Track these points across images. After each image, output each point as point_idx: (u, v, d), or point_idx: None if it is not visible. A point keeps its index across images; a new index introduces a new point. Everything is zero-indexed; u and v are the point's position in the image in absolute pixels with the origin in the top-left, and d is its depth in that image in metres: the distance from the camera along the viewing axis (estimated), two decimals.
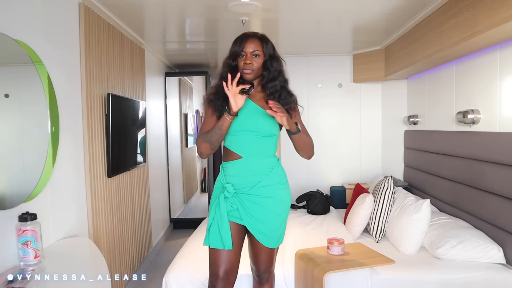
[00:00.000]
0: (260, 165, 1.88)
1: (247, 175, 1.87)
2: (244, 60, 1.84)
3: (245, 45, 1.84)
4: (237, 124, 1.85)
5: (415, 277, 2.36)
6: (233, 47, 1.88)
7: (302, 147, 1.91)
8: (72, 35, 2.38)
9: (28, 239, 1.68)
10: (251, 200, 1.87)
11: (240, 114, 1.83)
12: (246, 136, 1.86)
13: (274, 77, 1.89)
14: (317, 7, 2.87)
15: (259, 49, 1.85)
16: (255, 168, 1.87)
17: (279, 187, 1.91)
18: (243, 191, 1.88)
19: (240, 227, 1.91)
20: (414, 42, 3.24)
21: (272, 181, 1.88)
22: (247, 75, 1.84)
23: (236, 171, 1.88)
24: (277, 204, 1.89)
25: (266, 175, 1.87)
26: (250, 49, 1.83)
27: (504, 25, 2.04)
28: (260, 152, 1.89)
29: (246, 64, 1.83)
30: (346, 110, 4.65)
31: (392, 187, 3.08)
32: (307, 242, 2.83)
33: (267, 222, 1.88)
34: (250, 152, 1.87)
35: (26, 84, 1.78)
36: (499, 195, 2.44)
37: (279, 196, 1.90)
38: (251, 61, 1.83)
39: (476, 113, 2.70)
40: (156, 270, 3.59)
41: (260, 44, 1.86)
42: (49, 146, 1.87)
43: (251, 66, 1.83)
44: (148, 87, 4.01)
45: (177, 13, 2.98)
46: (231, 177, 1.90)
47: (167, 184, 4.89)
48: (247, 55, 1.84)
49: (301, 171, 4.69)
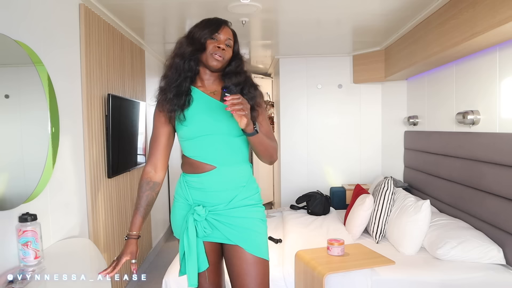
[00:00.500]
0: (237, 175, 1.60)
1: (222, 189, 1.58)
2: (216, 43, 1.55)
3: (220, 31, 1.57)
4: (199, 124, 1.56)
5: (415, 278, 2.36)
6: (205, 27, 1.57)
7: (261, 151, 1.57)
8: (72, 36, 2.39)
9: (28, 240, 1.68)
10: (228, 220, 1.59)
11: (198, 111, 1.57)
12: (215, 139, 1.56)
13: (239, 71, 1.62)
14: (317, 8, 2.87)
15: (232, 40, 1.61)
16: (232, 179, 1.59)
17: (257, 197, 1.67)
18: (217, 210, 1.58)
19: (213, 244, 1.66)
20: (414, 43, 3.24)
21: (250, 192, 1.63)
22: (216, 62, 1.55)
23: (208, 185, 1.58)
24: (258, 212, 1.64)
25: (243, 187, 1.60)
26: (225, 36, 1.58)
27: (504, 26, 2.04)
28: (236, 157, 1.60)
29: (219, 48, 1.54)
30: (346, 111, 4.65)
31: (392, 187, 3.08)
32: (307, 243, 2.83)
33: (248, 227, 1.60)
34: (225, 160, 1.58)
35: (26, 85, 1.78)
36: (499, 195, 2.44)
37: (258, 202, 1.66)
38: (225, 48, 1.56)
39: (476, 114, 2.70)
40: (156, 271, 3.59)
41: (233, 36, 1.63)
42: (49, 146, 1.87)
43: (224, 53, 1.56)
44: (148, 88, 4.01)
45: (177, 14, 2.98)
46: (200, 193, 1.59)
47: (167, 185, 4.89)
48: (221, 40, 1.56)
49: (301, 172, 4.69)
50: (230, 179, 1.58)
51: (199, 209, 1.57)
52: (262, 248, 1.62)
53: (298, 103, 4.68)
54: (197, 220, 1.58)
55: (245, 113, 1.39)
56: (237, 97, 1.38)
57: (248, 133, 1.48)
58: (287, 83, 4.66)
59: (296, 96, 4.65)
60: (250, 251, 1.58)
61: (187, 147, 1.62)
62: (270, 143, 1.59)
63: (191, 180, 1.61)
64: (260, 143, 1.54)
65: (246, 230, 1.59)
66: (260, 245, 1.61)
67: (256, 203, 1.65)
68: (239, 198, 1.59)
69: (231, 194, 1.58)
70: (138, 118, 3.45)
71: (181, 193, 1.66)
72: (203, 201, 1.60)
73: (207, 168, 1.57)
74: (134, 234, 1.63)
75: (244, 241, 1.59)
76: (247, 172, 1.64)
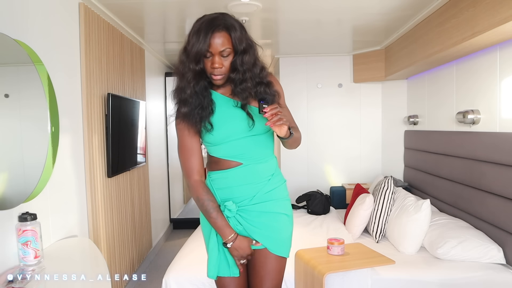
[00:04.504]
0: (263, 170, 1.59)
1: (246, 183, 1.57)
2: (211, 63, 1.45)
3: (211, 42, 1.42)
4: (225, 131, 1.54)
5: (415, 277, 2.36)
6: (195, 42, 1.43)
7: (292, 145, 1.61)
8: (72, 35, 2.38)
9: (28, 239, 1.68)
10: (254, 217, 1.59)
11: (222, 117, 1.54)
12: (242, 141, 1.55)
13: (245, 78, 1.50)
14: (317, 7, 2.86)
15: (229, 46, 1.44)
16: (257, 174, 1.58)
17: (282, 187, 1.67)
18: (243, 205, 1.59)
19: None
20: (414, 42, 3.24)
21: (273, 185, 1.62)
22: (218, 80, 1.49)
23: (232, 180, 1.57)
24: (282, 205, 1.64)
25: (268, 180, 1.60)
26: (218, 47, 1.42)
27: (504, 25, 2.04)
28: (261, 154, 1.59)
29: (215, 68, 1.45)
30: (346, 110, 4.65)
31: (392, 187, 3.08)
32: (307, 242, 2.83)
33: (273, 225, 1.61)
34: (251, 157, 1.57)
35: (26, 84, 1.78)
36: (499, 195, 2.44)
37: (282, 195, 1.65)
38: (221, 63, 1.45)
39: (476, 113, 2.70)
40: (156, 270, 3.59)
41: (229, 38, 1.45)
42: (49, 146, 1.86)
43: (221, 71, 1.46)
44: (148, 87, 4.01)
45: (176, 13, 2.98)
46: (225, 191, 1.59)
47: (167, 184, 4.89)
48: (214, 56, 1.44)
49: (301, 171, 4.69)
50: (256, 174, 1.58)
51: (229, 204, 1.56)
52: (285, 247, 1.65)
53: (298, 103, 4.67)
54: (228, 217, 1.57)
55: (284, 120, 1.40)
56: (275, 107, 1.39)
57: (284, 138, 1.50)
58: (287, 83, 4.65)
59: (296, 96, 4.65)
60: (274, 251, 1.61)
61: (213, 150, 1.60)
62: (299, 136, 1.61)
63: (216, 177, 1.60)
64: (293, 141, 1.57)
65: (271, 229, 1.61)
66: (284, 244, 1.65)
67: (281, 197, 1.64)
68: (263, 191, 1.59)
69: (255, 188, 1.58)
70: (138, 118, 3.45)
71: None
72: (229, 198, 1.59)
73: (233, 164, 1.57)
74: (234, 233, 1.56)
75: (269, 241, 1.61)
76: (273, 166, 1.64)
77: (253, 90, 1.54)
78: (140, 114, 3.50)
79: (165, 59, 4.74)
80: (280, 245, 1.63)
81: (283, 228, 1.65)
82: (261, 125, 1.55)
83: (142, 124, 3.56)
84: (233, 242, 1.54)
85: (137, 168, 3.49)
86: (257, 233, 1.60)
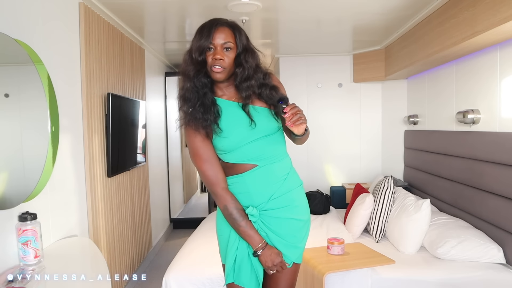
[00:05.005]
0: (279, 170, 1.57)
1: (263, 185, 1.54)
2: (213, 54, 1.46)
3: (214, 36, 1.45)
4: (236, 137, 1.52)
5: (415, 277, 2.36)
6: (198, 38, 1.47)
7: (302, 140, 1.60)
8: (72, 34, 2.38)
9: (28, 239, 1.68)
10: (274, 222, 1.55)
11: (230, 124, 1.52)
12: (254, 145, 1.53)
13: (249, 76, 1.51)
14: (317, 7, 2.86)
15: (231, 40, 1.47)
16: (273, 174, 1.55)
17: (299, 190, 1.63)
18: (261, 208, 1.55)
19: None
20: (414, 42, 3.24)
21: (289, 187, 1.58)
22: (217, 74, 1.47)
23: (248, 184, 1.54)
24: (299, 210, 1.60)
25: (284, 179, 1.57)
26: (221, 40, 1.46)
27: (504, 25, 2.04)
28: (275, 154, 1.57)
29: (216, 60, 1.45)
30: (346, 110, 4.65)
31: (392, 187, 3.08)
32: (307, 242, 2.82)
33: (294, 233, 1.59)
34: (265, 158, 1.55)
35: (26, 84, 1.78)
36: (499, 195, 2.44)
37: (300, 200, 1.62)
38: (222, 55, 1.46)
39: (476, 113, 2.70)
40: (156, 270, 3.59)
41: (232, 34, 1.48)
42: (49, 145, 1.86)
43: (222, 63, 1.46)
44: (148, 87, 4.01)
45: (177, 12, 2.98)
46: (241, 194, 1.55)
47: (167, 184, 4.89)
48: (216, 48, 1.46)
49: (301, 171, 4.66)
50: (271, 174, 1.55)
51: (250, 209, 1.52)
52: (301, 255, 1.65)
53: (298, 102, 4.55)
54: (254, 222, 1.53)
55: (303, 119, 1.40)
56: (294, 106, 1.40)
57: (299, 136, 1.48)
58: (287, 82, 4.59)
59: (296, 95, 4.64)
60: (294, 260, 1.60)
61: (227, 157, 1.56)
62: (308, 132, 1.58)
63: (232, 182, 1.55)
64: (306, 137, 1.56)
65: (294, 238, 1.58)
66: (300, 253, 1.64)
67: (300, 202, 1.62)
68: (280, 192, 1.55)
69: (272, 189, 1.55)
70: (138, 117, 3.45)
71: None
72: (247, 202, 1.55)
73: (248, 167, 1.54)
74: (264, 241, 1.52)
75: (294, 253, 1.59)
76: (287, 165, 1.62)
77: (258, 91, 1.54)
78: (140, 114, 3.50)
79: (165, 58, 4.74)
80: (300, 253, 1.63)
81: (304, 235, 1.64)
82: (270, 125, 1.54)
83: (142, 124, 3.56)
84: (263, 249, 1.50)
85: (137, 167, 3.49)
86: (280, 243, 1.56)
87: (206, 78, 1.52)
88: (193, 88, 1.51)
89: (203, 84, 1.52)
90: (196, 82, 1.51)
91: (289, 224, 1.57)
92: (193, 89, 1.51)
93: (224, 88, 1.57)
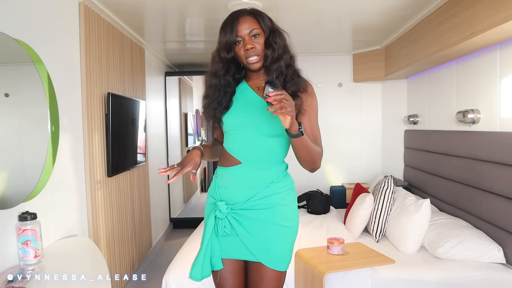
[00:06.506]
0: (262, 175, 1.52)
1: (243, 186, 1.52)
2: (243, 46, 1.45)
3: (238, 28, 1.44)
4: (234, 118, 1.53)
5: (415, 276, 2.36)
6: (223, 35, 1.47)
7: (303, 156, 1.45)
8: (72, 34, 2.38)
9: (28, 239, 1.68)
10: (248, 222, 1.51)
11: (238, 105, 1.53)
12: (245, 135, 1.51)
13: (279, 56, 1.48)
14: (317, 7, 2.86)
15: (257, 27, 1.46)
16: (255, 178, 1.52)
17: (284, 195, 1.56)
18: (236, 208, 1.52)
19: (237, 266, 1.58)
20: (414, 41, 3.24)
21: (272, 191, 1.53)
22: (255, 64, 1.46)
23: (230, 180, 1.54)
24: (279, 215, 1.53)
25: (266, 187, 1.51)
26: (246, 30, 1.44)
27: (504, 24, 2.04)
28: (263, 157, 1.52)
29: (248, 50, 1.44)
30: (346, 109, 4.65)
31: (392, 186, 3.08)
32: (307, 242, 2.83)
33: (268, 236, 1.52)
34: (251, 157, 1.52)
35: (26, 84, 1.78)
36: (499, 195, 2.44)
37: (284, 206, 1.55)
38: (252, 44, 1.44)
39: (476, 113, 2.70)
40: (156, 270, 3.59)
41: (255, 21, 1.47)
42: (49, 145, 1.86)
43: (254, 51, 1.44)
44: (148, 87, 4.01)
45: (177, 12, 2.98)
46: (223, 188, 1.56)
47: (167, 184, 4.88)
48: (244, 39, 1.45)
49: (301, 171, 4.66)
50: (253, 178, 1.51)
51: (221, 204, 1.52)
52: (282, 261, 1.55)
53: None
54: (219, 218, 1.53)
55: (289, 110, 1.24)
56: (280, 93, 1.23)
57: (292, 134, 1.35)
58: None
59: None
60: (269, 266, 1.52)
61: (225, 138, 1.60)
62: (314, 147, 1.46)
63: (220, 174, 1.60)
64: (303, 147, 1.41)
65: (267, 240, 1.52)
66: (281, 258, 1.54)
67: (281, 205, 1.53)
68: (259, 196, 1.51)
69: (251, 192, 1.51)
70: (138, 117, 3.45)
71: (210, 190, 1.64)
72: (225, 198, 1.55)
73: (234, 162, 1.54)
74: (198, 147, 1.54)
75: (264, 254, 1.52)
76: (275, 174, 1.54)
77: (285, 71, 1.50)
78: (140, 114, 3.50)
79: (165, 58, 4.74)
80: (276, 258, 1.52)
81: (281, 241, 1.54)
82: (270, 127, 1.48)
83: (142, 124, 3.56)
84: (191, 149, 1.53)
85: (137, 167, 3.49)
86: (250, 241, 1.52)
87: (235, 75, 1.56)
88: (216, 87, 1.54)
89: (227, 83, 1.55)
90: (222, 81, 1.54)
91: (264, 226, 1.51)
92: (217, 87, 1.54)
93: (253, 75, 1.57)
